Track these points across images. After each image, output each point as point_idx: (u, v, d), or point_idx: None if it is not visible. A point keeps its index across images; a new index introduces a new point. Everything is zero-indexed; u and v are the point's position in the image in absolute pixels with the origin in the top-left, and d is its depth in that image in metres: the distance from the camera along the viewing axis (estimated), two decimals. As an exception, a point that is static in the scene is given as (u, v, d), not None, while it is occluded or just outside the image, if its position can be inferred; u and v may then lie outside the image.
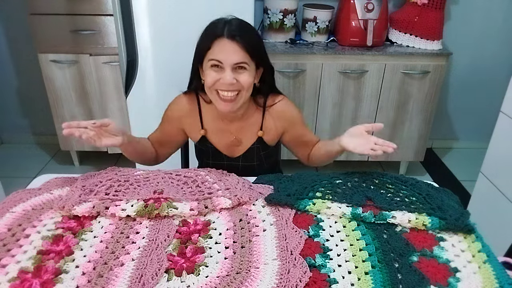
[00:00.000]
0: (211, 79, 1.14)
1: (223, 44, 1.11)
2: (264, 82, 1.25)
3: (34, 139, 2.97)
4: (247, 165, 1.33)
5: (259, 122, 1.30)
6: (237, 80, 1.13)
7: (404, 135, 2.49)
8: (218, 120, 1.30)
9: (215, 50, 1.12)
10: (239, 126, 1.30)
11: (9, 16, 2.56)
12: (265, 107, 1.28)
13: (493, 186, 1.80)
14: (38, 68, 2.33)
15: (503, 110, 1.74)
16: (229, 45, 1.11)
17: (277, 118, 1.29)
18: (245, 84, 1.15)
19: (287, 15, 2.31)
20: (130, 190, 1.09)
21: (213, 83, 1.14)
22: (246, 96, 1.18)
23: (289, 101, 1.31)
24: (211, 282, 0.82)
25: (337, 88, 2.33)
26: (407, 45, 2.37)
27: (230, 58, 1.11)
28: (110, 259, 0.87)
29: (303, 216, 1.02)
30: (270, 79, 1.26)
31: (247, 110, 1.29)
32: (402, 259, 0.87)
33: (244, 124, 1.30)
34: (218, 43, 1.12)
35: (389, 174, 1.16)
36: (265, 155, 1.33)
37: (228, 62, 1.11)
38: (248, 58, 1.13)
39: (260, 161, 1.33)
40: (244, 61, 1.12)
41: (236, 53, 1.11)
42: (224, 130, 1.30)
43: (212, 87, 1.16)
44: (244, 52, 1.12)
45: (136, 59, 1.86)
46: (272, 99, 1.29)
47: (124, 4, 1.76)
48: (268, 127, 1.30)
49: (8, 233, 0.94)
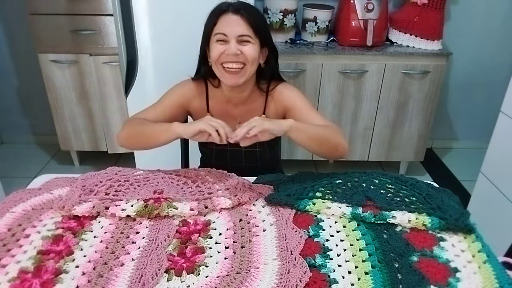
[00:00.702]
0: (216, 52, 1.17)
1: (228, 17, 1.16)
2: (268, 65, 1.27)
3: (34, 139, 2.97)
4: (249, 151, 1.33)
5: (262, 107, 1.31)
6: (242, 52, 1.16)
7: (404, 135, 2.49)
8: (224, 104, 1.31)
9: (220, 25, 1.16)
10: (243, 111, 1.31)
11: (9, 16, 2.56)
12: (268, 92, 1.30)
13: (493, 186, 1.80)
14: (38, 68, 2.33)
15: (503, 110, 1.74)
16: (234, 17, 1.15)
17: (277, 101, 1.30)
18: (250, 57, 1.16)
19: (287, 15, 2.31)
20: (130, 190, 1.09)
21: (218, 55, 1.16)
22: (250, 71, 1.20)
23: (289, 85, 1.32)
24: (211, 282, 0.82)
25: (337, 88, 2.33)
26: (407, 45, 2.37)
27: (234, 30, 1.15)
28: (110, 259, 0.87)
29: (303, 216, 1.02)
30: (274, 63, 1.28)
31: (251, 95, 1.30)
32: (402, 259, 0.87)
33: (248, 108, 1.31)
34: (223, 18, 1.16)
35: (389, 174, 1.16)
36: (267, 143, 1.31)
37: (232, 34, 1.15)
38: (252, 32, 1.16)
39: (262, 148, 1.33)
40: (247, 34, 1.15)
41: (240, 26, 1.15)
42: (228, 114, 1.31)
43: (218, 61, 1.18)
44: (248, 26, 1.15)
45: (136, 59, 1.86)
46: (273, 84, 1.31)
47: (124, 4, 1.76)
48: (270, 112, 1.32)
49: (8, 233, 0.94)
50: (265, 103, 1.31)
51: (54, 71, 2.32)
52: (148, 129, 1.19)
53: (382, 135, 2.49)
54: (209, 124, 1.06)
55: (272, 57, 1.27)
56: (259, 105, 1.32)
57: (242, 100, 1.30)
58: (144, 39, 1.83)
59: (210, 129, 1.05)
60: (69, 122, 2.48)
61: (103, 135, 2.52)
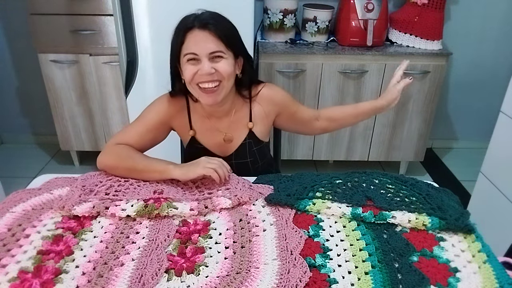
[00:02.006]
0: (189, 73, 1.11)
1: (195, 35, 1.08)
2: (245, 73, 1.22)
3: (34, 139, 2.97)
4: (240, 162, 1.31)
5: (247, 115, 1.28)
6: (216, 70, 1.11)
7: (404, 135, 2.49)
8: (206, 120, 1.27)
9: (188, 44, 1.09)
10: (228, 122, 1.28)
11: (9, 16, 2.56)
12: (251, 98, 1.27)
13: (493, 186, 1.80)
14: (38, 68, 2.33)
15: (503, 110, 1.74)
16: (201, 34, 1.08)
17: (266, 104, 1.28)
18: (225, 73, 1.11)
19: (287, 15, 2.31)
20: (130, 190, 1.09)
21: (192, 76, 1.11)
22: (227, 86, 1.15)
23: (272, 85, 1.30)
24: (211, 282, 0.82)
25: (337, 88, 2.33)
26: (407, 45, 2.37)
27: (204, 48, 1.08)
28: (110, 259, 0.87)
29: (303, 216, 1.02)
30: (250, 70, 1.24)
31: (234, 104, 1.26)
32: (402, 259, 0.87)
33: (233, 119, 1.28)
34: (190, 35, 1.09)
35: (389, 174, 1.16)
36: (258, 151, 1.32)
37: (203, 52, 1.08)
38: (223, 46, 1.10)
39: (253, 157, 1.31)
40: (219, 50, 1.09)
41: (210, 42, 1.08)
42: (212, 129, 1.28)
43: (192, 82, 1.12)
44: (218, 40, 1.09)
45: (136, 59, 1.86)
46: (255, 89, 1.27)
47: (124, 4, 1.76)
48: (257, 117, 1.29)
49: (8, 233, 0.94)
50: (250, 109, 1.28)
51: (54, 71, 2.32)
52: (140, 165, 1.14)
53: (382, 135, 2.49)
54: (207, 168, 1.08)
55: (247, 64, 1.22)
56: (244, 114, 1.28)
57: (224, 112, 1.26)
58: (144, 39, 1.83)
59: (210, 172, 1.07)
60: (69, 122, 2.48)
61: (103, 135, 2.52)
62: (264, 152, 1.35)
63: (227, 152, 1.31)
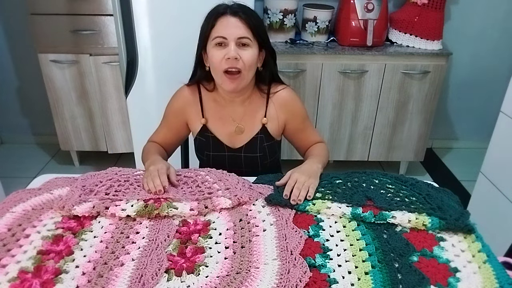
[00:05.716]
0: (217, 57, 1.16)
1: (226, 20, 1.15)
2: (267, 67, 1.26)
3: (34, 139, 2.97)
4: (250, 156, 1.31)
5: (263, 110, 1.30)
6: (240, 57, 1.15)
7: (404, 135, 2.49)
8: (220, 107, 1.30)
9: (219, 28, 1.15)
10: (242, 113, 1.29)
11: (9, 16, 2.56)
12: (269, 94, 1.29)
13: (493, 186, 1.80)
14: (38, 68, 2.33)
15: (503, 110, 1.74)
16: (232, 19, 1.15)
17: (279, 107, 1.29)
18: (247, 62, 1.16)
19: (287, 15, 2.31)
20: (130, 190, 1.09)
21: (219, 62, 1.16)
22: (248, 77, 1.19)
23: (293, 92, 1.32)
24: (211, 282, 0.82)
25: (337, 88, 2.33)
26: (407, 45, 2.37)
27: (233, 32, 1.14)
28: (110, 259, 0.87)
29: (303, 216, 1.02)
30: (272, 65, 1.28)
31: (251, 96, 1.29)
32: (402, 259, 0.87)
33: (247, 110, 1.29)
34: (221, 20, 1.15)
35: (389, 174, 1.16)
36: (268, 147, 1.32)
37: (232, 36, 1.14)
38: (251, 34, 1.16)
39: (263, 153, 1.31)
40: (247, 36, 1.15)
41: (239, 28, 1.14)
42: (226, 117, 1.30)
43: (219, 67, 1.16)
44: (247, 28, 1.15)
45: (136, 59, 1.86)
46: (275, 87, 1.30)
47: (124, 4, 1.76)
48: (271, 116, 1.30)
49: (8, 233, 0.94)
50: (266, 105, 1.30)
51: (54, 71, 2.32)
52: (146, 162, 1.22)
53: (382, 135, 2.49)
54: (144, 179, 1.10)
55: (270, 59, 1.26)
56: (258, 107, 1.30)
57: (241, 101, 1.29)
58: (144, 39, 1.83)
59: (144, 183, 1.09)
60: (69, 122, 2.48)
61: (103, 135, 2.52)
62: (274, 150, 1.36)
63: (237, 144, 1.32)
